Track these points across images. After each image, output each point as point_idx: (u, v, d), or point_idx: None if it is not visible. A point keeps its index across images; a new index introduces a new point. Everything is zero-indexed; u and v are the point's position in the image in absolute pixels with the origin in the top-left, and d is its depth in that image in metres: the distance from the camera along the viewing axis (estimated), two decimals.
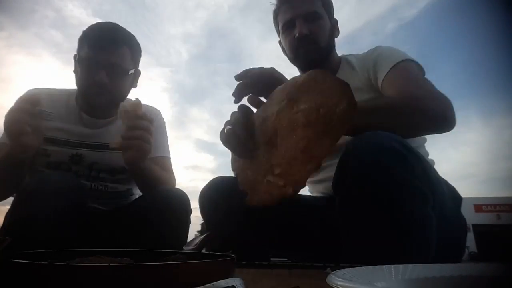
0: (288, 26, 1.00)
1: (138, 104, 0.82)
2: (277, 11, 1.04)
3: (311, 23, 0.96)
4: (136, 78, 1.08)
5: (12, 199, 0.82)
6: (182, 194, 0.93)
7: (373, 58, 0.94)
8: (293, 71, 1.08)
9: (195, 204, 0.98)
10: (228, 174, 1.04)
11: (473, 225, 12.84)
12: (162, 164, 1.09)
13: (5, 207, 0.83)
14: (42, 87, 1.06)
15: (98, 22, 1.01)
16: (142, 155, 0.82)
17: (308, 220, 0.96)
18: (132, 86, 1.07)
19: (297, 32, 0.96)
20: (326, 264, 0.65)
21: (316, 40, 0.97)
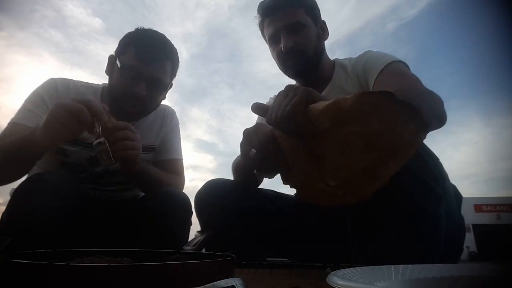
0: (274, 40, 0.99)
1: (102, 117, 0.72)
2: (262, 24, 1.03)
3: (296, 34, 0.95)
4: (168, 90, 1.05)
5: (8, 200, 0.81)
6: (183, 196, 0.93)
7: (362, 64, 0.94)
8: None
9: None
10: (228, 174, 1.04)
11: (473, 225, 12.83)
12: (174, 167, 1.07)
13: (1, 207, 0.81)
14: (66, 78, 1.01)
15: (147, 30, 0.98)
16: (131, 163, 0.81)
17: (306, 221, 0.96)
18: (162, 98, 1.04)
19: (282, 46, 0.95)
20: (326, 264, 0.64)
21: (303, 51, 0.95)
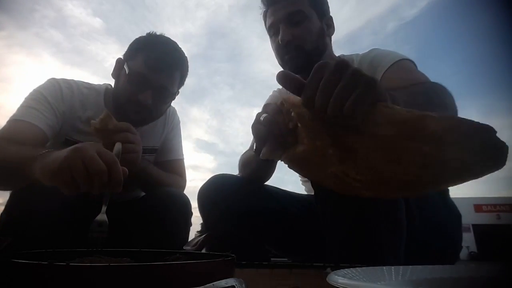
0: (274, 31, 0.95)
1: (106, 118, 0.75)
2: (265, 15, 0.99)
3: (295, 27, 0.91)
4: (174, 99, 1.02)
5: (7, 200, 0.80)
6: (183, 196, 0.93)
7: (369, 60, 0.91)
8: None
9: (195, 204, 0.98)
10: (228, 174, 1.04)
11: (473, 225, 12.84)
12: (176, 167, 1.07)
13: (1, 207, 0.81)
14: (68, 79, 0.97)
15: (158, 36, 0.96)
16: (130, 165, 0.80)
17: (305, 219, 0.96)
18: (168, 106, 1.02)
19: (280, 39, 0.91)
20: (326, 264, 0.65)
21: (301, 45, 0.91)
